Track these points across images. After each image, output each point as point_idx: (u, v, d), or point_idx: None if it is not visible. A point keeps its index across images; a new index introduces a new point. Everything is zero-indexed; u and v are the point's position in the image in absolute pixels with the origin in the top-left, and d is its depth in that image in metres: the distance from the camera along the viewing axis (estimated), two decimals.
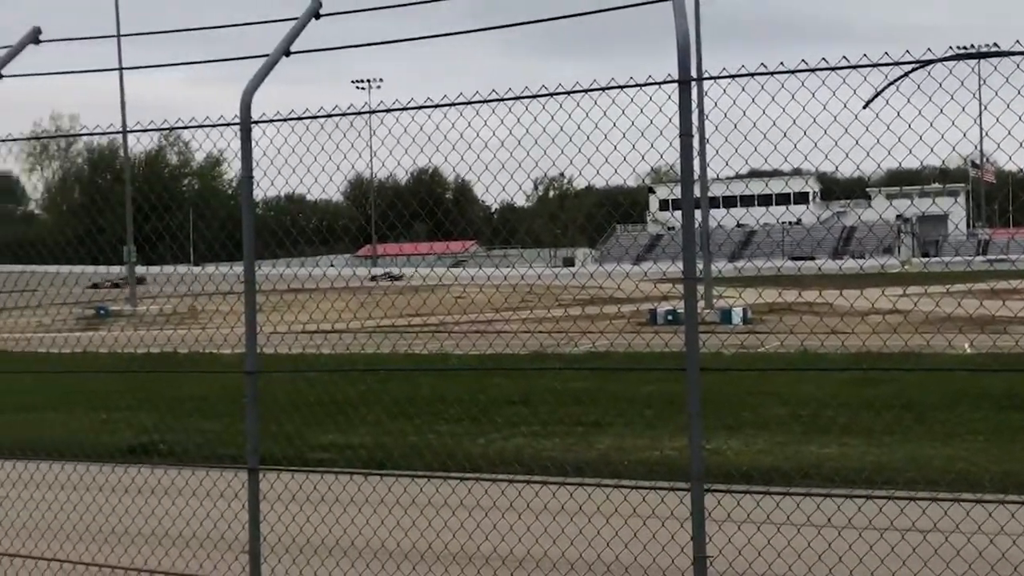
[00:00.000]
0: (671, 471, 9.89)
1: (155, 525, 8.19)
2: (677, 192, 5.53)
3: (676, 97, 5.42)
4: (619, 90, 5.71)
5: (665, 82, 5.50)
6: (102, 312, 25.65)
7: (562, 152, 6.18)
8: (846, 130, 5.48)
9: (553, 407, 14.38)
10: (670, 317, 27.36)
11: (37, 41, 7.77)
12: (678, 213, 5.51)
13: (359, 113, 7.10)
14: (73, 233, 11.59)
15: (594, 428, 13.40)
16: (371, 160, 7.53)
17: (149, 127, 7.79)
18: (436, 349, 15.53)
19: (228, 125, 7.01)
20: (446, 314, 11.44)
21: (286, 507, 8.08)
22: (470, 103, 6.42)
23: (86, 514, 8.09)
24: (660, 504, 6.69)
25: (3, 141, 8.11)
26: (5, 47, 7.79)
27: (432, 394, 15.80)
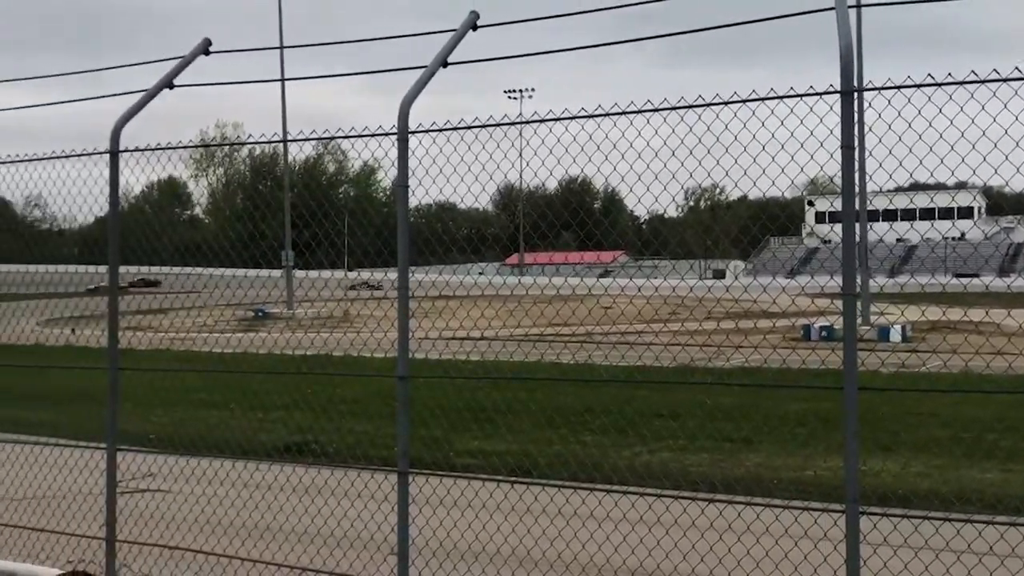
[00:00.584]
0: (824, 492, 9.62)
1: (308, 523, 8.39)
2: (836, 204, 5.37)
3: (838, 108, 5.28)
4: (778, 100, 5.59)
5: (827, 92, 5.36)
6: (260, 314, 26.55)
7: (717, 163, 6.09)
8: (1017, 144, 5.24)
9: (701, 422, 14.19)
10: (825, 333, 26.66)
11: (207, 52, 8.08)
12: (837, 226, 5.35)
13: (513, 123, 7.15)
14: (236, 237, 12.01)
15: (744, 445, 13.16)
16: (521, 169, 7.57)
17: (311, 136, 8.02)
18: (583, 359, 15.51)
19: (386, 135, 7.16)
20: (594, 325, 11.41)
21: (434, 511, 8.18)
22: (625, 113, 6.39)
23: (243, 510, 8.35)
24: (813, 525, 6.51)
25: (171, 148, 8.44)
26: (178, 58, 8.13)
27: (578, 404, 15.78)
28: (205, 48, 8.04)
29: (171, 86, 7.97)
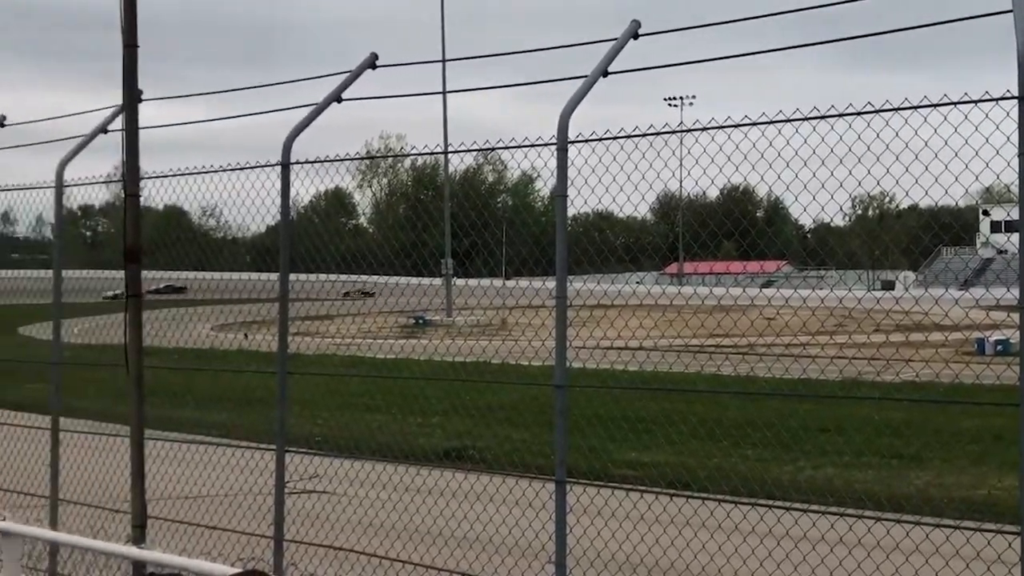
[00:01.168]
0: (998, 512, 9.19)
1: (467, 529, 8.50)
2: (1013, 214, 5.13)
3: (1015, 114, 5.05)
4: (952, 106, 5.38)
5: (1004, 98, 5.14)
6: (421, 321, 27.09)
7: (887, 171, 5.90)
8: None
9: (868, 437, 13.76)
10: (1000, 347, 25.50)
11: (374, 67, 8.30)
12: (1014, 236, 5.12)
13: (675, 132, 7.09)
14: (398, 246, 12.28)
15: (912, 462, 12.70)
16: (681, 178, 7.50)
17: (471, 148, 8.14)
18: (744, 372, 15.25)
19: (546, 145, 7.21)
20: (756, 336, 11.22)
21: (591, 521, 8.17)
22: (790, 120, 6.27)
23: (404, 514, 8.53)
24: (985, 547, 6.23)
25: (339, 160, 8.69)
26: (345, 72, 8.37)
27: (739, 417, 15.50)
28: (372, 63, 8.26)
29: (339, 100, 8.21)
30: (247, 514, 9.06)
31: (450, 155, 9.32)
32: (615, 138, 7.07)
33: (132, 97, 7.14)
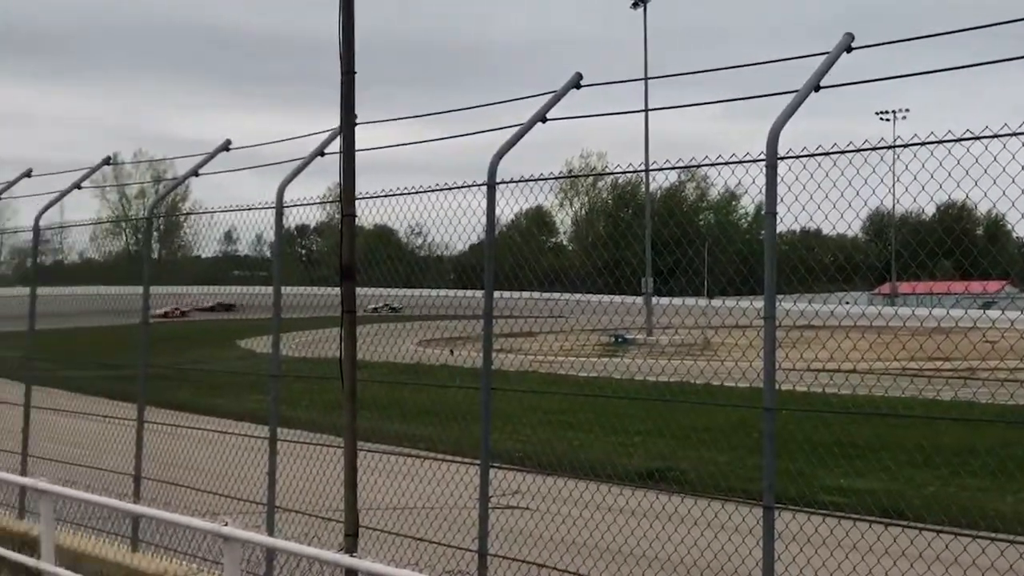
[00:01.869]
0: None
1: (671, 551, 8.38)
2: None
3: None
4: None
5: None
6: (620, 340, 26.99)
7: None
8: None
9: None
10: None
11: (578, 86, 8.35)
12: None
13: (890, 147, 6.83)
14: (599, 263, 12.27)
15: None
16: (895, 195, 7.21)
17: (676, 165, 8.05)
18: (965, 397, 14.50)
19: (754, 161, 7.06)
20: (978, 360, 10.63)
21: (800, 548, 7.91)
22: (1016, 134, 5.94)
23: (606, 533, 8.48)
24: None
25: (543, 179, 8.76)
26: (550, 92, 8.44)
27: (957, 444, 14.74)
28: (576, 82, 8.31)
29: (544, 120, 8.29)
30: (452, 527, 9.21)
31: (652, 172, 9.35)
32: (827, 154, 6.86)
33: (350, 122, 7.41)
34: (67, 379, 17.72)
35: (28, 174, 14.67)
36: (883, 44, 7.06)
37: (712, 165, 7.57)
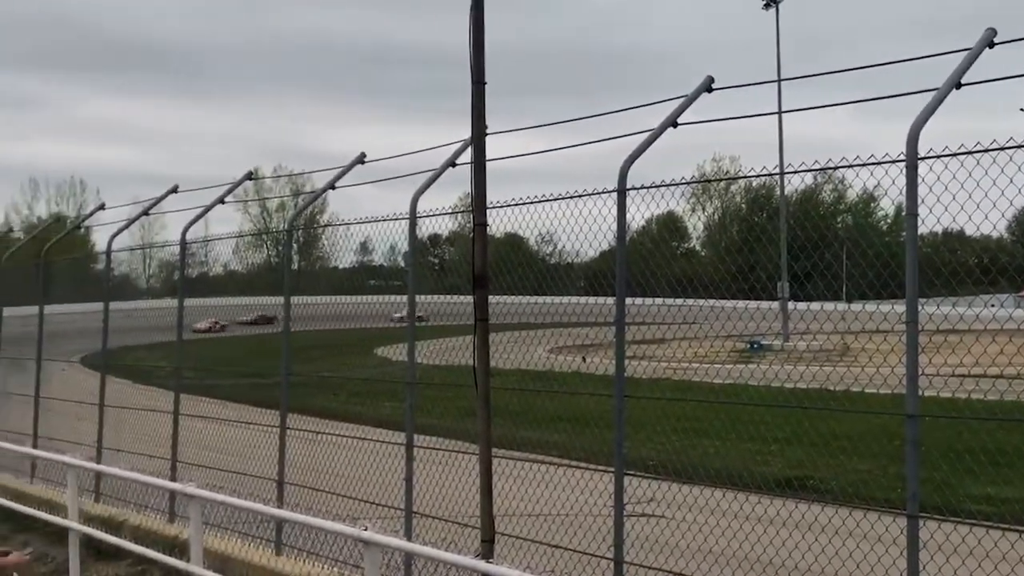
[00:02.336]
0: None
1: (811, 561, 8.22)
2: None
3: None
4: None
5: None
6: (755, 346, 26.56)
7: None
8: None
9: None
10: None
11: (710, 90, 8.28)
12: None
13: None
14: (733, 269, 12.12)
15: None
16: None
17: (812, 167, 7.90)
18: None
19: (893, 162, 6.89)
20: None
21: (947, 559, 7.67)
22: None
23: (744, 542, 8.36)
24: None
25: (675, 184, 8.69)
26: (681, 96, 8.40)
27: None
28: (708, 86, 8.24)
29: (675, 125, 8.25)
30: (587, 534, 9.22)
31: (787, 175, 9.17)
32: (970, 152, 6.65)
33: (480, 132, 7.50)
34: (212, 387, 18.35)
35: (175, 190, 15.27)
36: None
37: (850, 167, 7.41)
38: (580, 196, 9.04)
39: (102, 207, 19.02)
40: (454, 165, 9.99)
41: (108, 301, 16.98)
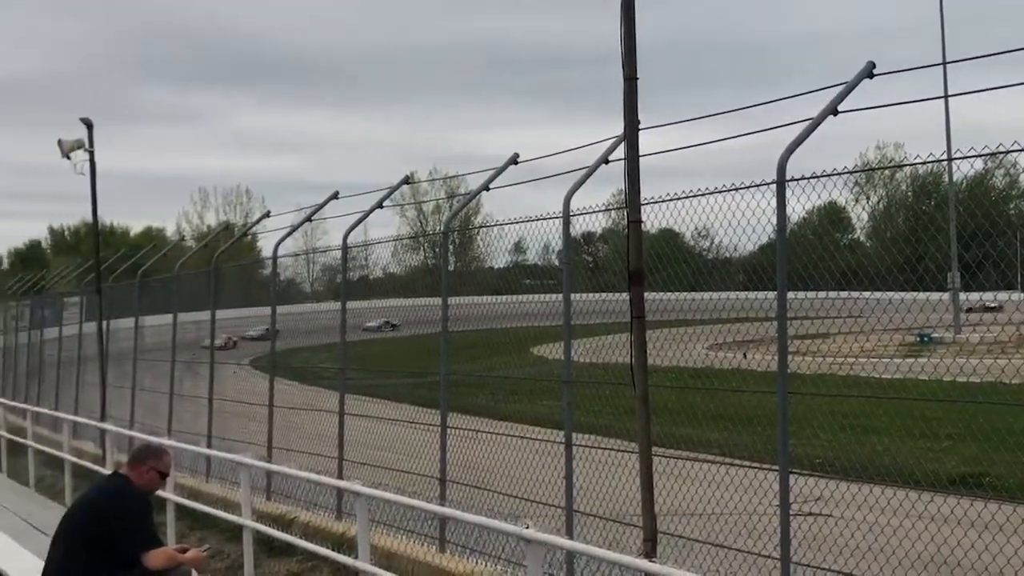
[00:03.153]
0: None
1: (988, 561, 7.88)
2: None
3: None
4: None
5: None
6: (925, 339, 25.60)
7: None
8: None
9: None
10: None
11: (871, 75, 8.01)
12: None
13: None
14: (898, 259, 11.69)
15: None
16: None
17: (982, 152, 7.56)
18: None
19: None
20: None
21: None
22: None
23: (917, 542, 8.06)
24: None
25: (836, 174, 8.43)
26: (841, 84, 8.14)
27: None
28: (869, 72, 7.98)
29: (835, 113, 8.01)
30: (752, 534, 9.04)
31: (956, 162, 8.71)
32: None
33: (633, 127, 7.44)
34: (375, 387, 18.77)
35: (335, 196, 15.67)
36: None
37: (1020, 151, 7.05)
38: (738, 189, 8.87)
39: (267, 215, 19.69)
40: (607, 162, 9.94)
41: (275, 305, 17.57)
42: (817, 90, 8.25)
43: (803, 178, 8.20)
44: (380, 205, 14.23)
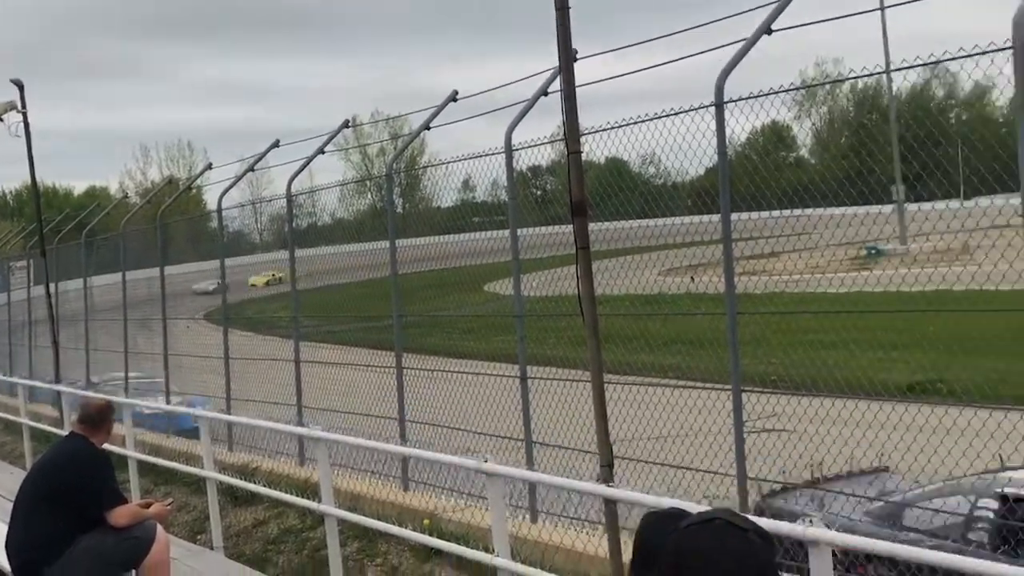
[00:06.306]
0: None
1: (937, 464, 8.08)
2: None
3: None
4: None
5: None
6: (873, 252, 25.96)
7: None
8: None
9: None
10: None
11: None
12: None
13: None
14: (842, 175, 11.81)
15: None
16: None
17: (915, 63, 7.63)
18: None
19: (1001, 50, 6.60)
20: None
21: None
22: None
23: (868, 450, 8.28)
24: None
25: (773, 93, 8.48)
26: (774, 2, 8.15)
27: None
28: None
29: (769, 32, 8.03)
30: (709, 453, 9.21)
31: (893, 74, 8.76)
32: None
33: (568, 58, 7.41)
34: (331, 333, 18.76)
35: (276, 144, 15.51)
36: None
37: (954, 59, 7.13)
38: (676, 114, 8.91)
39: (210, 167, 19.47)
40: (546, 94, 9.92)
41: (224, 257, 17.44)
42: (752, 9, 8.25)
43: (740, 99, 8.25)
44: (322, 151, 14.12)
